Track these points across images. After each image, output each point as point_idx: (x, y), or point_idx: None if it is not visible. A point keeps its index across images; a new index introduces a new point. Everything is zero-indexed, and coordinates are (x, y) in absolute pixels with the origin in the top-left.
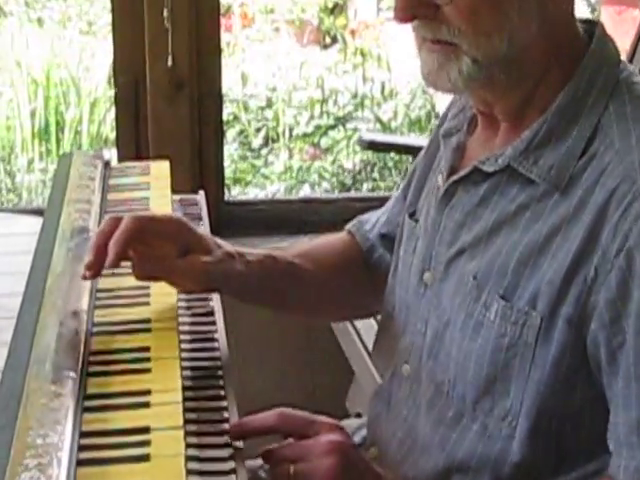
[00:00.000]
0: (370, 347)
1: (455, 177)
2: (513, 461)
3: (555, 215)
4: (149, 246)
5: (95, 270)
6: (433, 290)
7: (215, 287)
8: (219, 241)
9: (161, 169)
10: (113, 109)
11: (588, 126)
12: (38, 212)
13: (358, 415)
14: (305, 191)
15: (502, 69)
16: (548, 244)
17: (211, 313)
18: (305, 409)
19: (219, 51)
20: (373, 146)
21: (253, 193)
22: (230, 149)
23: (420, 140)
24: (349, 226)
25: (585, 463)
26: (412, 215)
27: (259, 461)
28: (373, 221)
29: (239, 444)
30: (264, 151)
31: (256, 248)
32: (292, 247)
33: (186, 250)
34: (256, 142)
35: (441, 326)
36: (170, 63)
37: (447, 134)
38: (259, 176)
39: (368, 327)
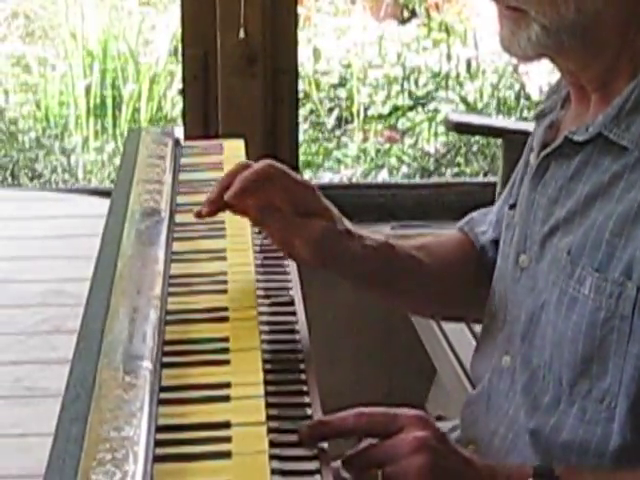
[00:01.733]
0: (455, 346)
1: (546, 150)
2: (615, 446)
3: None
4: (273, 197)
5: (214, 206)
6: (529, 273)
7: (328, 261)
8: (343, 218)
9: (235, 148)
10: (174, 85)
11: None
12: (98, 193)
13: (439, 418)
14: (383, 176)
15: (573, 36)
16: None
17: (291, 303)
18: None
19: (295, 23)
20: (461, 128)
21: (325, 178)
22: (300, 129)
23: (512, 123)
24: (461, 224)
25: None
26: (512, 207)
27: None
28: (486, 223)
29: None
30: (337, 132)
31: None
32: (408, 240)
33: (309, 215)
34: (328, 123)
35: (537, 309)
36: (242, 35)
37: (541, 115)
38: (332, 159)
39: (454, 326)
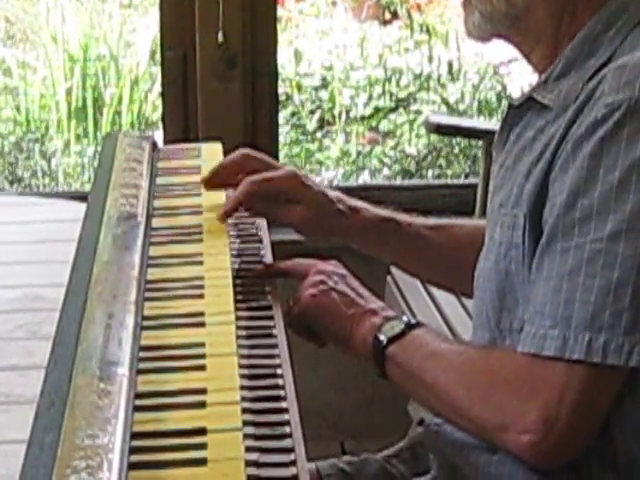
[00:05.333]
0: None
1: (501, 123)
2: None
3: (554, 128)
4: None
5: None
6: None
7: (319, 238)
8: (335, 196)
9: (213, 152)
10: (155, 88)
11: (604, 57)
12: (78, 197)
13: (421, 422)
14: (364, 178)
15: (508, 25)
16: (543, 154)
17: (269, 307)
18: (363, 411)
19: (274, 25)
20: (441, 129)
21: None
22: (282, 132)
23: (494, 124)
24: None
25: None
26: None
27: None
28: None
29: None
30: (319, 134)
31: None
32: (423, 219)
33: (291, 202)
34: (310, 125)
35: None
36: (221, 38)
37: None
38: (313, 161)
39: (437, 326)
